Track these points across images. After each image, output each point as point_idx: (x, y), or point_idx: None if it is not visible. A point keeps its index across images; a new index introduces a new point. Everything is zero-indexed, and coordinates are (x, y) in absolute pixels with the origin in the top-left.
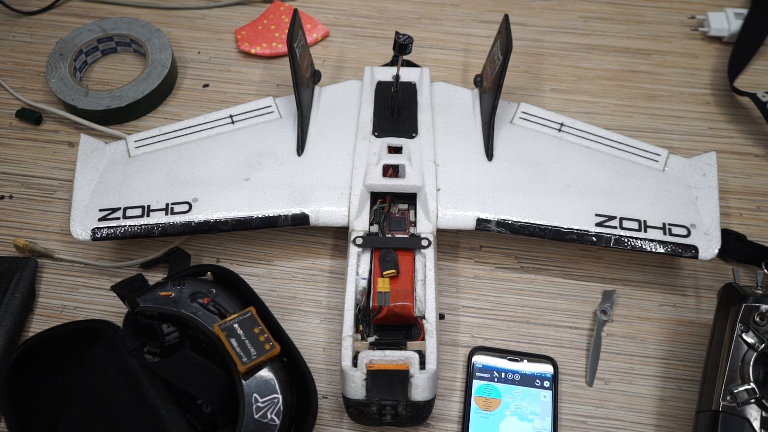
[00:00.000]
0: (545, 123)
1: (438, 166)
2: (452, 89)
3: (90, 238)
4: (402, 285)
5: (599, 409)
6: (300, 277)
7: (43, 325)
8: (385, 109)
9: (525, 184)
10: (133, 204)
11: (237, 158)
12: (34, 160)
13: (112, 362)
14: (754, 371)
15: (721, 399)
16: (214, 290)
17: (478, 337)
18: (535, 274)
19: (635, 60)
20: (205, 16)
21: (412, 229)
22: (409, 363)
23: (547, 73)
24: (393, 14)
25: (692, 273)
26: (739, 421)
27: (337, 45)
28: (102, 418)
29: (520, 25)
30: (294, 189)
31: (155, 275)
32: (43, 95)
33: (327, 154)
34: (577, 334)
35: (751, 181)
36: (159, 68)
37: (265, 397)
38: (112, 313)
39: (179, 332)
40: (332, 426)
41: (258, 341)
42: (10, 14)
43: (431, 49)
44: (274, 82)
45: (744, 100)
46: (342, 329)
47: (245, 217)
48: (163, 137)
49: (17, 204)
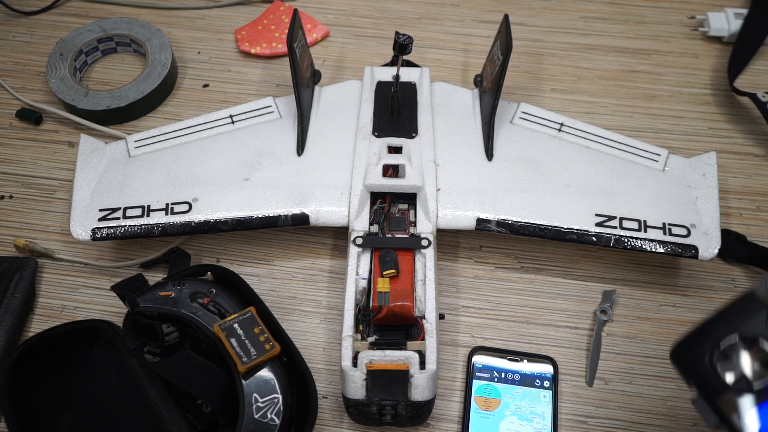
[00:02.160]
0: (545, 123)
1: (438, 166)
2: (452, 89)
3: (90, 238)
4: (402, 285)
5: (599, 409)
6: (300, 277)
7: (43, 325)
8: (385, 109)
9: (525, 184)
10: (133, 204)
11: (237, 158)
12: (34, 160)
13: (112, 362)
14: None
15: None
16: (214, 290)
17: (478, 337)
18: (535, 274)
19: (635, 60)
20: (205, 16)
21: (412, 229)
22: (409, 363)
23: (547, 73)
24: (393, 14)
25: (692, 273)
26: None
27: (337, 45)
28: (102, 418)
29: (520, 25)
30: (294, 189)
31: (155, 275)
32: (43, 95)
33: (327, 154)
34: (577, 334)
35: (751, 181)
36: (159, 68)
37: (265, 397)
38: (112, 313)
39: (179, 332)
40: (332, 426)
41: (258, 341)
42: (10, 14)
43: (431, 49)
44: (274, 82)
45: (744, 100)
46: (342, 329)
47: (245, 217)
48: (163, 137)
49: (17, 204)
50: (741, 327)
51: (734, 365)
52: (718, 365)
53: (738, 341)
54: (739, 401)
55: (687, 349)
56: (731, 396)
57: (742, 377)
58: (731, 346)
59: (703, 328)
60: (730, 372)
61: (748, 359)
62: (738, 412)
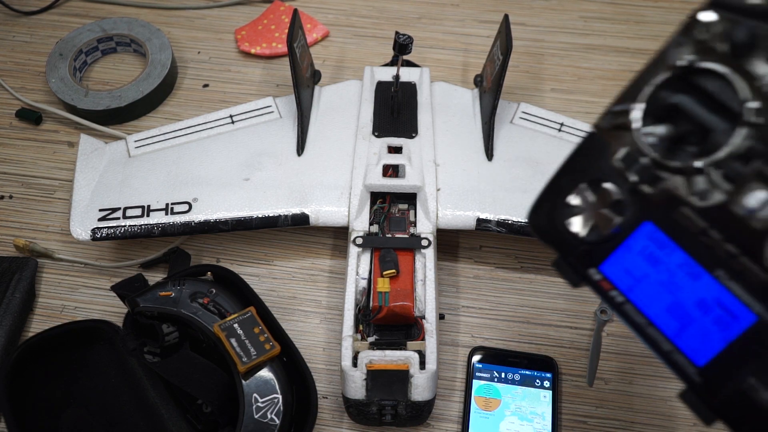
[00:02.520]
0: (545, 123)
1: (438, 166)
2: (452, 89)
3: (90, 238)
4: (402, 285)
5: (599, 409)
6: (300, 277)
7: (43, 325)
8: (385, 109)
9: (525, 184)
10: (133, 204)
11: (237, 158)
12: (34, 160)
13: (112, 362)
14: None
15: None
16: (214, 290)
17: (478, 337)
18: (535, 274)
19: (635, 60)
20: (205, 16)
21: (412, 229)
22: (409, 363)
23: (547, 73)
24: (393, 14)
25: None
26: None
27: (337, 45)
28: (102, 418)
29: (520, 25)
30: (294, 189)
31: (155, 275)
32: (43, 95)
33: (327, 154)
34: (577, 334)
35: None
36: (159, 68)
37: (265, 397)
38: (112, 313)
39: (179, 332)
40: (332, 426)
41: (258, 341)
42: (10, 14)
43: (431, 49)
44: (274, 82)
45: None
46: (342, 329)
47: (245, 217)
48: (163, 137)
49: (17, 204)
50: (586, 172)
51: (583, 214)
52: (569, 220)
53: (584, 187)
54: (591, 253)
55: (540, 210)
56: (583, 250)
57: (593, 225)
58: (578, 195)
59: (552, 183)
60: (581, 222)
61: (597, 205)
62: (593, 266)
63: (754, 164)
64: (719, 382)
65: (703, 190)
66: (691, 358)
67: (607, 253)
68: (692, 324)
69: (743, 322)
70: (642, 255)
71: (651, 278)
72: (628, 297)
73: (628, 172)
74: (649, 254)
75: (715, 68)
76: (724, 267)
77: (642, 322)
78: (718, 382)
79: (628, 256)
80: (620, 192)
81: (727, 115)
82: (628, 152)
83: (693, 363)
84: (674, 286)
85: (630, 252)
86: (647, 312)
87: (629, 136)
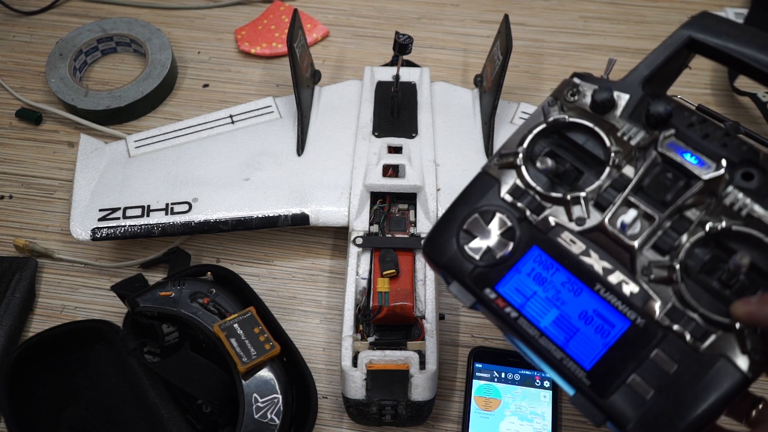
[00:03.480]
0: None
1: (438, 166)
2: (452, 89)
3: (90, 238)
4: (402, 285)
5: None
6: (300, 277)
7: (43, 325)
8: (385, 109)
9: None
10: (133, 204)
11: (237, 158)
12: (34, 160)
13: (112, 362)
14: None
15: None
16: (214, 290)
17: (478, 337)
18: None
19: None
20: (205, 16)
21: (412, 229)
22: (409, 363)
23: (547, 73)
24: (393, 14)
25: None
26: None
27: (337, 45)
28: (102, 418)
29: (520, 25)
30: (294, 189)
31: (155, 275)
32: (43, 95)
33: (327, 154)
34: None
35: None
36: (159, 68)
37: (265, 397)
38: (112, 313)
39: (179, 332)
40: (332, 426)
41: (258, 341)
42: (10, 14)
43: (431, 49)
44: (274, 82)
45: (744, 100)
46: (342, 329)
47: (245, 217)
48: (163, 137)
49: (17, 204)
50: (479, 204)
51: (478, 241)
52: (464, 246)
53: (478, 217)
54: (486, 275)
55: (436, 239)
56: (478, 273)
57: (486, 250)
58: (472, 224)
59: (447, 215)
60: (475, 248)
61: (489, 232)
62: (488, 286)
63: (622, 193)
64: (606, 382)
65: (580, 216)
66: (579, 362)
67: (501, 274)
68: (577, 333)
69: (620, 328)
70: (531, 275)
71: (539, 295)
72: (521, 312)
73: (516, 203)
74: (536, 275)
75: (582, 123)
76: (601, 282)
77: (535, 334)
78: (605, 382)
79: (519, 276)
80: (510, 220)
81: (594, 158)
82: (516, 186)
83: (582, 367)
84: (560, 301)
85: (520, 273)
86: (539, 325)
87: (516, 173)
